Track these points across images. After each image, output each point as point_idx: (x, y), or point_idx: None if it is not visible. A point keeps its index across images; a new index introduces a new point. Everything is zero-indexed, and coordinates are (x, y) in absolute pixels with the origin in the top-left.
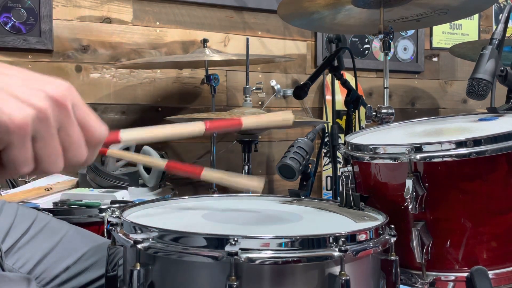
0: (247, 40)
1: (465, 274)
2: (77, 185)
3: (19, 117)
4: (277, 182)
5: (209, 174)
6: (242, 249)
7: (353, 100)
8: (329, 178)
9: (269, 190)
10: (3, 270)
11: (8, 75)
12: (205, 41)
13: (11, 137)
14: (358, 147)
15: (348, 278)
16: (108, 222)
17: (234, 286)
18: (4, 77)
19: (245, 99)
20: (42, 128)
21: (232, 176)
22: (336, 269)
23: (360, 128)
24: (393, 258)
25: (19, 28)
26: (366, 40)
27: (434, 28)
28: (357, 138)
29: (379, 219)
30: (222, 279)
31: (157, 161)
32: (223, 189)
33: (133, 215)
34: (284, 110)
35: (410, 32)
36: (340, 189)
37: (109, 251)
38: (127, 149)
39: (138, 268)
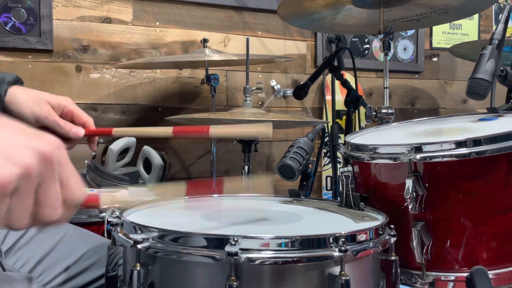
0: (247, 40)
1: (465, 274)
2: None
3: (3, 176)
4: (277, 182)
5: (216, 130)
6: (242, 249)
7: (353, 100)
8: (329, 178)
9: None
10: (4, 270)
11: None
12: (205, 41)
13: None
14: (358, 147)
15: (348, 278)
16: (108, 222)
17: (234, 286)
18: None
19: (245, 99)
20: (23, 185)
21: (239, 127)
22: (336, 269)
23: (360, 128)
24: (393, 258)
25: (19, 28)
26: (366, 40)
27: (434, 28)
28: (357, 138)
29: (379, 219)
30: (222, 279)
31: (164, 129)
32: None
33: (133, 215)
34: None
35: (410, 32)
36: (340, 189)
37: (109, 251)
38: (126, 149)
39: (138, 268)
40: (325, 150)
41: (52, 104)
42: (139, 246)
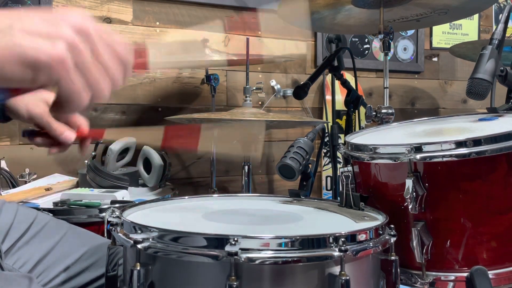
0: (247, 40)
1: (465, 274)
2: (77, 185)
3: (55, 51)
4: (277, 182)
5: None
6: (242, 249)
7: (353, 100)
8: (329, 178)
9: (269, 190)
10: (3, 270)
11: (27, 16)
12: (205, 41)
13: (56, 71)
14: (358, 147)
15: (348, 278)
16: (108, 222)
17: (234, 286)
18: (26, 19)
19: (245, 99)
20: (78, 56)
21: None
22: (336, 269)
23: (360, 128)
24: (393, 258)
25: None
26: (366, 40)
27: (434, 28)
28: (357, 138)
29: (379, 219)
30: (222, 279)
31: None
32: (223, 189)
33: (133, 215)
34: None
35: (410, 32)
36: (340, 189)
37: (109, 251)
38: (126, 149)
39: (138, 268)
40: (325, 150)
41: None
42: (139, 246)
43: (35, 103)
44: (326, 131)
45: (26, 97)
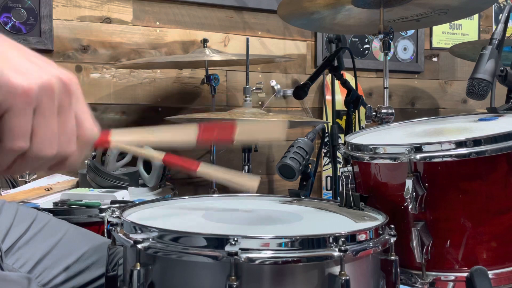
0: (247, 40)
1: (465, 274)
2: (77, 185)
3: (27, 82)
4: (277, 182)
5: (205, 170)
6: (242, 249)
7: (353, 100)
8: (329, 178)
9: (269, 190)
10: (3, 270)
11: (25, 50)
12: (205, 41)
13: (15, 101)
14: (358, 147)
15: (348, 278)
16: (108, 222)
17: (234, 286)
18: (22, 49)
19: (245, 99)
20: (45, 101)
21: (227, 174)
22: (336, 269)
23: (360, 128)
24: (393, 258)
25: (19, 28)
26: (366, 40)
27: (434, 28)
28: (357, 138)
29: (379, 219)
30: (222, 279)
31: (155, 154)
32: (223, 189)
33: (133, 215)
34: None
35: (410, 32)
36: (340, 189)
37: (109, 251)
38: None
39: (138, 268)
40: (325, 150)
41: None
42: (139, 246)
43: None
44: (326, 131)
45: None
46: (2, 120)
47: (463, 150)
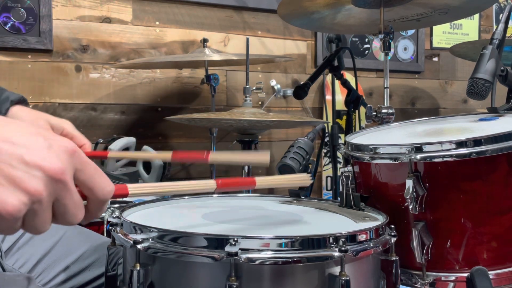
0: (247, 40)
1: (466, 275)
2: None
3: (13, 206)
4: None
5: (215, 157)
6: (242, 249)
7: (353, 100)
8: (329, 178)
9: (269, 190)
10: (4, 270)
11: (6, 142)
12: (205, 41)
13: (2, 222)
14: (358, 147)
15: (348, 278)
16: (108, 222)
17: (234, 286)
18: (3, 147)
19: (245, 99)
20: (36, 207)
21: (238, 154)
22: (336, 269)
23: (360, 128)
24: (393, 258)
25: (18, 28)
26: (366, 40)
27: (434, 28)
28: (357, 138)
29: (379, 219)
30: (222, 279)
31: (163, 154)
32: None
33: (133, 215)
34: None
35: (410, 32)
36: (340, 189)
37: (109, 251)
38: (126, 150)
39: (138, 268)
40: (325, 150)
41: (52, 124)
42: (139, 246)
43: (38, 125)
44: (326, 131)
45: (28, 120)
46: None
47: (463, 150)
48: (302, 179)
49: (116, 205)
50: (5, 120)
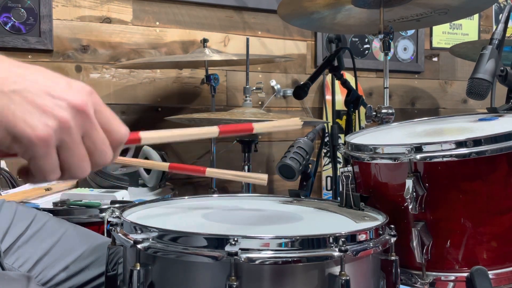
0: (247, 40)
1: (465, 274)
2: (77, 185)
3: (42, 130)
4: (277, 182)
5: (213, 171)
6: (242, 249)
7: (353, 100)
8: (329, 178)
9: (269, 190)
10: (3, 269)
11: (31, 81)
12: (205, 41)
13: (35, 149)
14: (358, 147)
15: (348, 278)
16: (108, 222)
17: (234, 286)
18: (28, 84)
19: (245, 99)
20: (66, 138)
21: (236, 173)
22: (336, 269)
23: (360, 128)
24: (393, 258)
25: (19, 28)
26: (366, 40)
27: (434, 28)
28: (357, 138)
29: (379, 219)
30: (222, 279)
31: (160, 164)
32: (223, 189)
33: (133, 215)
34: (292, 118)
35: (410, 32)
36: (340, 189)
37: (109, 251)
38: (126, 149)
39: (138, 268)
40: (325, 150)
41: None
42: (139, 246)
43: None
44: (326, 131)
45: None
46: (30, 163)
47: (463, 150)
48: (294, 122)
49: (116, 205)
50: (26, 64)
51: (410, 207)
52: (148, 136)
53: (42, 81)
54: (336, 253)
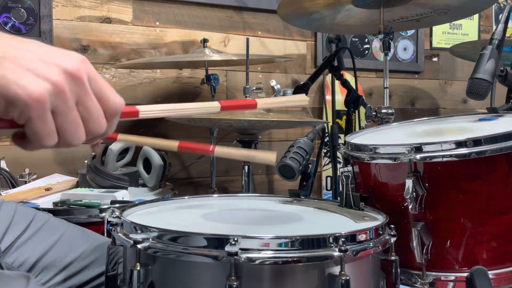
0: (247, 40)
1: (465, 274)
2: (77, 185)
3: (36, 91)
4: (277, 182)
5: (221, 150)
6: (242, 249)
7: (353, 100)
8: (329, 178)
9: (269, 190)
10: (2, 268)
11: (23, 50)
12: (205, 41)
13: (30, 111)
14: (358, 147)
15: (348, 278)
16: (108, 222)
17: (234, 286)
18: (20, 52)
19: (245, 99)
20: (60, 102)
21: (244, 151)
22: (336, 269)
23: (360, 128)
24: (393, 258)
25: (19, 28)
26: (366, 40)
27: (434, 28)
28: (357, 138)
29: (379, 219)
30: (222, 279)
31: (170, 143)
32: (223, 189)
33: (133, 215)
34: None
35: (410, 32)
36: (340, 189)
37: (109, 251)
38: (126, 149)
39: (138, 268)
40: (325, 150)
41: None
42: (139, 246)
43: None
44: (326, 131)
45: None
46: (26, 127)
47: (463, 150)
48: (301, 99)
49: (117, 205)
50: (20, 38)
51: (410, 207)
52: (147, 109)
53: (35, 49)
54: (336, 253)
